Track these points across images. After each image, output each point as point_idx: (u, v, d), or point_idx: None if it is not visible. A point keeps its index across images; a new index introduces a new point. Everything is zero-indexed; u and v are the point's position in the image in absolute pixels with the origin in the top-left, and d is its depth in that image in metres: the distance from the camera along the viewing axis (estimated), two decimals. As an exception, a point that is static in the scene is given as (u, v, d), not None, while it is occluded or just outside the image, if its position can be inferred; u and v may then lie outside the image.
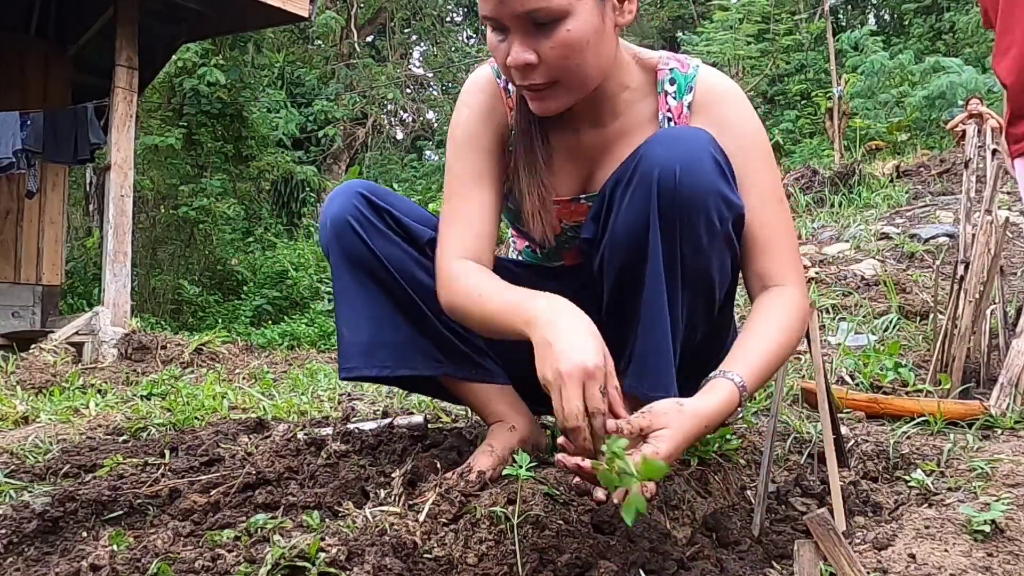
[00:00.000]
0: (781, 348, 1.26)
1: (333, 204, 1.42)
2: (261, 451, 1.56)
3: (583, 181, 1.43)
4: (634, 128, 1.39)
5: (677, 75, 1.38)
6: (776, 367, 1.26)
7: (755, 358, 1.22)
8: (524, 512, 1.21)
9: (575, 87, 1.28)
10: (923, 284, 3.69)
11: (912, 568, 1.17)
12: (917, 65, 13.17)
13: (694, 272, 1.28)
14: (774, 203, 1.34)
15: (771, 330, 1.26)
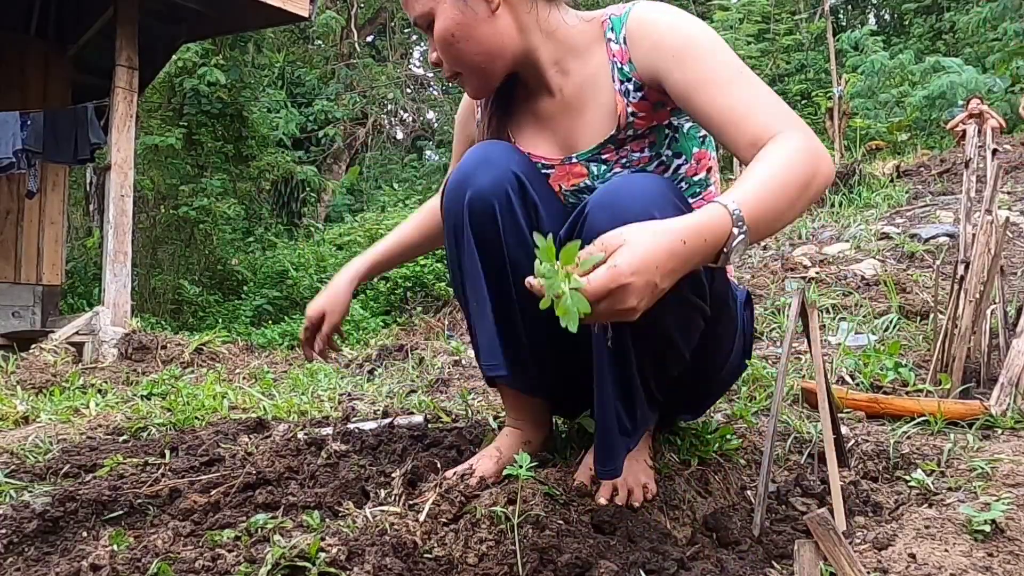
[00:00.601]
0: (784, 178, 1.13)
1: (479, 174, 1.37)
2: (261, 451, 1.56)
3: (564, 142, 1.46)
4: (587, 83, 1.41)
5: (614, 20, 1.40)
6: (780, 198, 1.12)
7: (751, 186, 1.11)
8: (524, 512, 1.21)
9: (475, 72, 1.40)
10: (923, 284, 3.69)
11: (912, 568, 1.17)
12: (917, 65, 13.16)
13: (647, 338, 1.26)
14: (734, 80, 1.28)
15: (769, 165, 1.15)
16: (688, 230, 1.04)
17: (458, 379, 2.91)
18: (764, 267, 4.55)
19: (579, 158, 1.43)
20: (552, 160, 1.46)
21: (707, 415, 1.94)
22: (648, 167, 1.40)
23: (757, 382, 2.32)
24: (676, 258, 1.02)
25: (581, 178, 1.44)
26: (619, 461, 1.33)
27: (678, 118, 1.40)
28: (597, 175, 1.43)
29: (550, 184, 1.46)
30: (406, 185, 15.41)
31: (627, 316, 1.01)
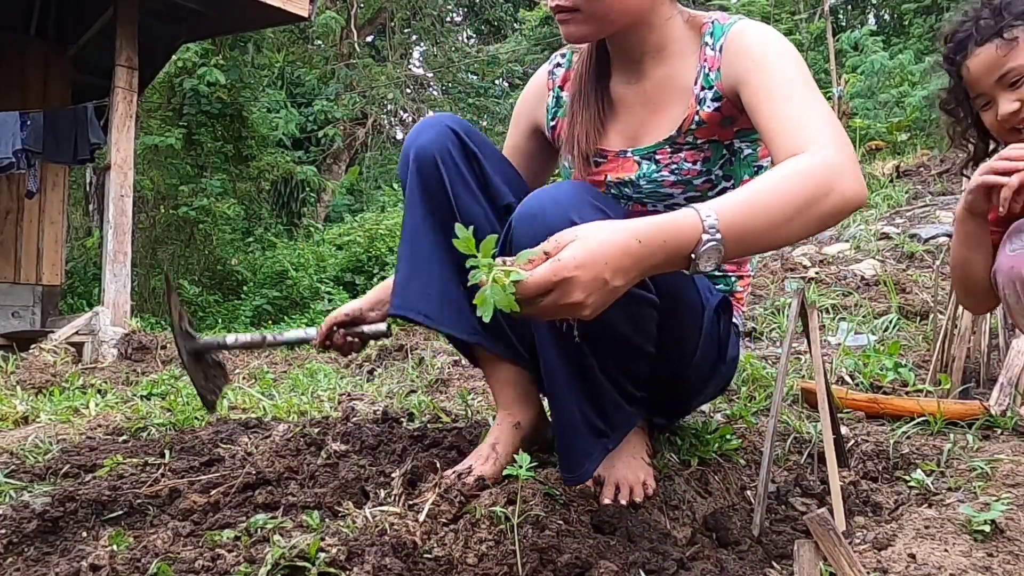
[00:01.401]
0: (780, 192, 1.10)
1: (422, 135, 1.41)
2: (261, 451, 1.56)
3: (631, 133, 1.47)
4: (672, 83, 1.42)
5: (716, 27, 1.41)
6: (770, 211, 1.08)
7: (738, 195, 1.09)
8: (524, 512, 1.21)
9: (595, 19, 1.35)
10: (923, 284, 3.69)
11: (912, 568, 1.17)
12: (917, 65, 13.15)
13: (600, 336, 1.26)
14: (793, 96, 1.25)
15: (768, 178, 1.12)
16: (646, 230, 1.02)
17: (458, 379, 2.91)
18: (764, 267, 4.55)
19: (634, 153, 1.45)
20: (609, 151, 1.47)
21: (707, 415, 1.94)
22: (695, 180, 1.42)
23: (757, 382, 2.32)
24: (630, 256, 1.00)
25: (631, 172, 1.46)
26: (589, 464, 1.32)
27: (741, 141, 1.42)
28: (645, 173, 1.44)
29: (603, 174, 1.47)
30: (406, 185, 15.37)
31: (577, 312, 0.99)
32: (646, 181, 1.44)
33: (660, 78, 1.44)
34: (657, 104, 1.44)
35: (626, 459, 1.43)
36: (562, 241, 0.99)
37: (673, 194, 1.44)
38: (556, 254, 0.98)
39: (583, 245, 0.98)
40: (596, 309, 1.00)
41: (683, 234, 1.03)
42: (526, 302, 0.96)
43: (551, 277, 0.96)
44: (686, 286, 1.36)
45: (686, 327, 1.39)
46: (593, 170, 1.48)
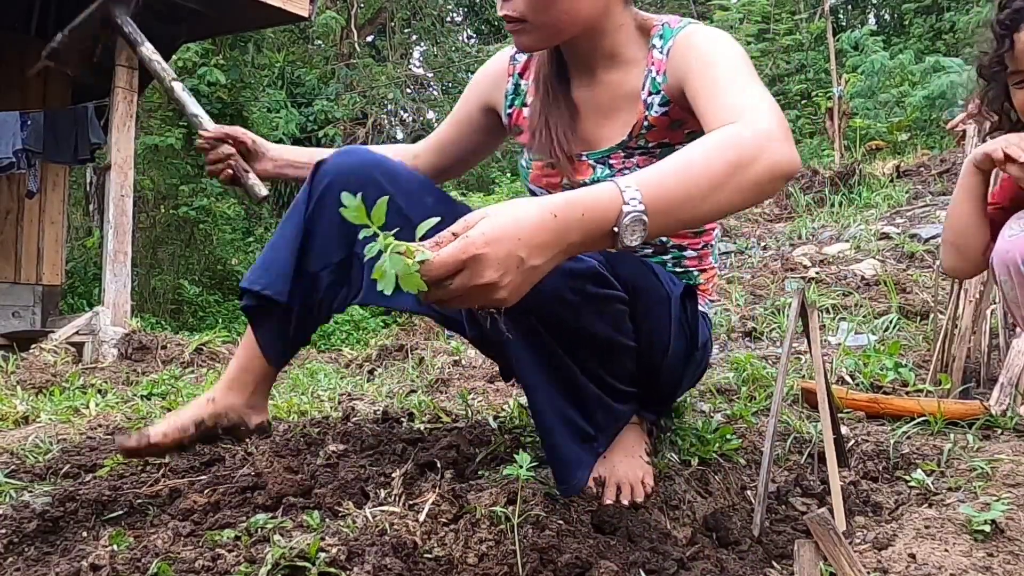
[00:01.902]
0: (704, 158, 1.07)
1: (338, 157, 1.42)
2: (261, 451, 1.56)
3: (586, 138, 1.47)
4: (623, 88, 1.43)
5: (666, 30, 1.41)
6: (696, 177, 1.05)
7: (659, 166, 1.06)
8: (524, 512, 1.21)
9: (543, 29, 1.35)
10: (923, 284, 3.69)
11: (912, 568, 1.17)
12: (917, 65, 13.15)
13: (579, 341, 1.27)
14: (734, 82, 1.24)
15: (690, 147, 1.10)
16: (561, 204, 0.98)
17: (458, 379, 2.91)
18: (764, 267, 4.55)
19: (589, 156, 1.46)
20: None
21: (707, 415, 1.94)
22: None
23: (757, 382, 2.32)
24: (546, 231, 0.95)
25: (584, 175, 1.46)
26: (581, 472, 1.32)
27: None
28: (599, 177, 1.44)
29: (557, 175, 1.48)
30: (406, 185, 15.38)
31: (493, 295, 0.94)
32: None
33: (612, 83, 1.44)
34: (609, 109, 1.45)
35: (625, 458, 1.43)
36: (471, 221, 0.95)
37: None
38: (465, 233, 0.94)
39: (493, 221, 0.94)
40: (514, 291, 0.95)
41: (602, 206, 0.99)
42: (435, 284, 0.92)
43: (459, 255, 0.91)
44: (647, 278, 1.36)
45: (655, 318, 1.37)
46: (552, 172, 1.49)
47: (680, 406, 1.90)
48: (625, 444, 1.46)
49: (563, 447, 1.29)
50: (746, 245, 5.58)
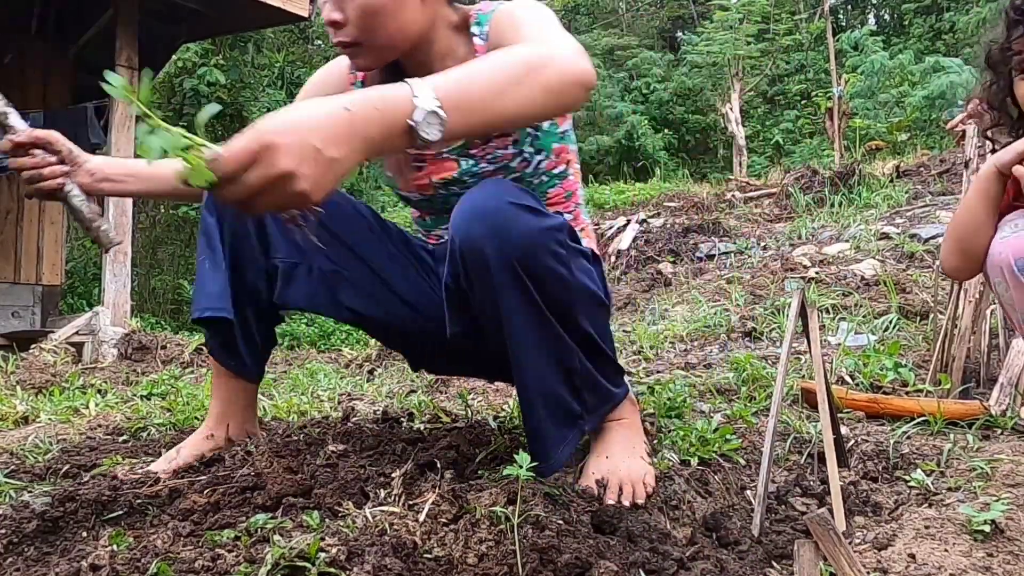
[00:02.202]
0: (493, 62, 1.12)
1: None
2: (261, 451, 1.56)
3: None
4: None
5: (480, 16, 1.45)
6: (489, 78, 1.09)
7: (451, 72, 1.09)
8: (524, 512, 1.21)
9: (377, 49, 1.39)
10: (923, 284, 3.69)
11: (912, 568, 1.17)
12: (917, 65, 13.16)
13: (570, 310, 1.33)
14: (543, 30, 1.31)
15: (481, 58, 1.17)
16: (354, 99, 0.99)
17: (458, 379, 2.91)
18: (764, 267, 4.55)
19: (449, 152, 1.50)
20: (425, 154, 1.51)
21: (707, 415, 1.94)
22: (512, 163, 1.48)
23: (757, 382, 2.32)
24: (340, 123, 0.95)
25: (450, 171, 1.51)
26: (561, 452, 1.35)
27: None
28: (466, 170, 1.50)
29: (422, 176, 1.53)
30: (406, 185, 15.39)
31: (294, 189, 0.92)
32: (469, 176, 1.50)
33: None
34: None
35: (627, 458, 1.43)
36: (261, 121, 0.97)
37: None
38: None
39: (282, 115, 0.95)
40: (317, 185, 0.94)
41: (395, 100, 1.00)
42: (229, 180, 0.91)
43: (249, 145, 0.91)
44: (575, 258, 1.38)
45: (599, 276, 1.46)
46: (417, 174, 1.53)
47: (680, 406, 1.90)
48: (626, 444, 1.46)
49: (544, 425, 1.33)
50: (746, 245, 5.58)
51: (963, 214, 1.48)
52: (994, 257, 1.37)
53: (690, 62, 17.15)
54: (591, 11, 20.87)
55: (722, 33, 14.34)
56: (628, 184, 12.25)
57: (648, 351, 2.96)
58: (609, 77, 18.14)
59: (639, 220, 6.73)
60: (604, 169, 15.81)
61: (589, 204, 10.92)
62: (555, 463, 1.35)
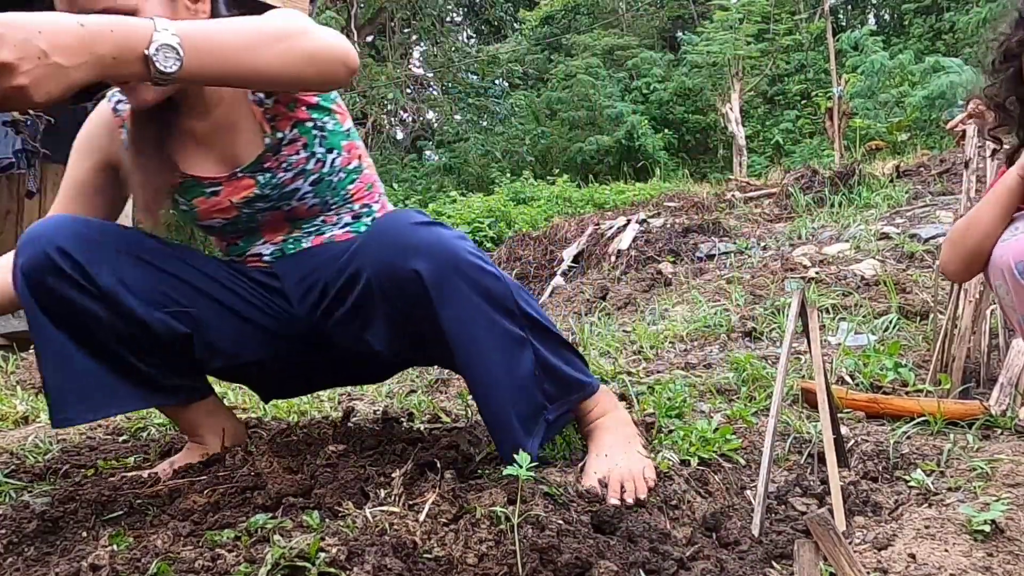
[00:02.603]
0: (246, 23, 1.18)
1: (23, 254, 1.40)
2: (261, 451, 1.56)
3: (226, 159, 1.51)
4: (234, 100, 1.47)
5: None
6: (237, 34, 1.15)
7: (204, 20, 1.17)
8: (524, 512, 1.21)
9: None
10: (923, 284, 3.69)
11: (912, 568, 1.17)
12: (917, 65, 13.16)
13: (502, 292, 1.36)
14: None
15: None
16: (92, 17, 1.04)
17: (458, 379, 2.91)
18: (764, 267, 4.55)
19: (243, 171, 1.50)
20: (219, 177, 1.52)
21: (707, 415, 1.94)
22: (307, 166, 1.50)
23: (757, 382, 2.32)
24: (70, 34, 1.00)
25: (250, 189, 1.51)
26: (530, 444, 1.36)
27: (314, 114, 1.49)
28: (264, 183, 1.51)
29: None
30: (406, 185, 15.41)
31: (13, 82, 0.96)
32: (270, 188, 1.51)
33: (225, 103, 1.48)
34: (233, 124, 1.49)
35: (624, 454, 1.44)
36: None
37: (299, 187, 1.52)
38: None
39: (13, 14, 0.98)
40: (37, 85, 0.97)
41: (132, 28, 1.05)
42: None
43: None
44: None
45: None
46: (216, 200, 1.54)
47: (680, 406, 1.90)
48: (620, 439, 1.47)
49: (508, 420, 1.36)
50: (746, 245, 5.58)
51: (975, 220, 1.46)
52: (996, 260, 1.37)
53: (690, 62, 17.15)
54: (591, 11, 20.88)
55: (722, 33, 14.35)
56: (628, 184, 12.25)
57: (648, 351, 2.96)
58: (609, 77, 18.15)
59: (639, 220, 6.72)
60: (604, 169, 15.82)
61: (589, 204, 10.93)
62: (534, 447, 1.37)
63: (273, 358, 1.61)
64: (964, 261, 1.49)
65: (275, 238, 1.60)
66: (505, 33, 21.13)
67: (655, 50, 19.41)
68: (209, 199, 1.55)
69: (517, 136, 17.68)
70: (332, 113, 1.53)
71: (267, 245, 1.61)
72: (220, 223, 1.58)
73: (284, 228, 1.59)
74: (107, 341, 1.43)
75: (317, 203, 1.55)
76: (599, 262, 6.30)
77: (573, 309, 4.88)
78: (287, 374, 1.69)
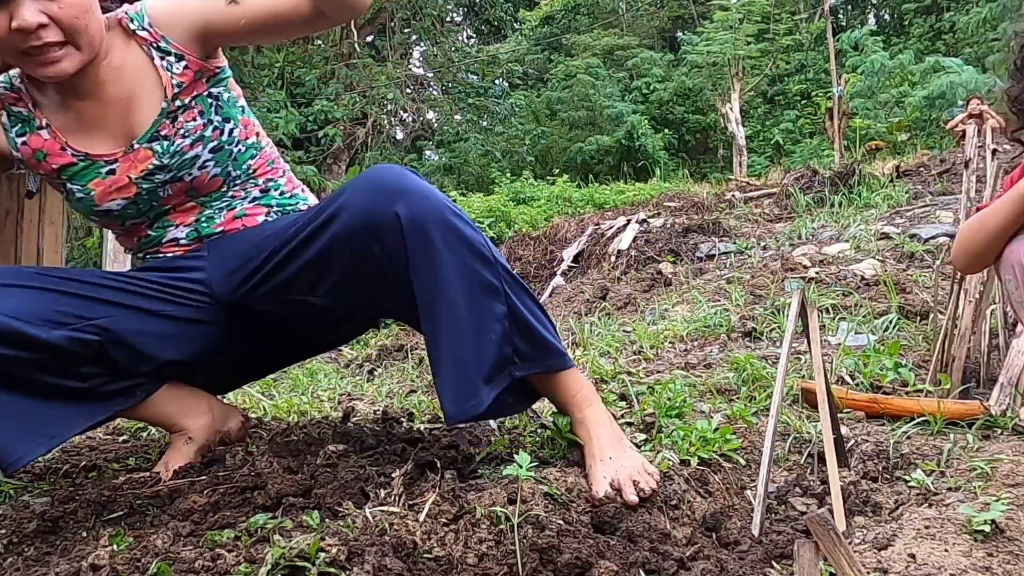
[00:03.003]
0: None
1: None
2: (261, 451, 1.56)
3: (121, 134, 1.51)
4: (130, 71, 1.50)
5: (132, 15, 1.51)
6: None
7: None
8: (524, 512, 1.21)
9: (84, 47, 1.41)
10: (923, 284, 3.69)
11: (912, 568, 1.17)
12: (917, 65, 13.17)
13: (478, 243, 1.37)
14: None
15: None
16: None
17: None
18: (764, 267, 4.55)
19: (140, 143, 1.50)
20: (114, 154, 1.51)
21: (707, 415, 1.94)
22: (206, 133, 1.52)
23: (757, 382, 2.32)
24: None
25: (148, 161, 1.51)
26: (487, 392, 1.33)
27: (214, 87, 1.53)
28: (163, 152, 1.51)
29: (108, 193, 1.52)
30: (406, 185, 15.38)
31: None
32: (168, 157, 1.51)
33: (118, 74, 1.49)
34: (129, 96, 1.50)
35: (622, 452, 1.42)
36: None
37: (199, 154, 1.52)
38: None
39: None
40: None
41: None
42: None
43: None
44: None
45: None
46: (114, 179, 1.51)
47: (680, 406, 1.90)
48: (614, 438, 1.44)
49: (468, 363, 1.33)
50: (746, 245, 5.58)
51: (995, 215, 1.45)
52: (1007, 255, 1.38)
53: (690, 62, 17.16)
54: (591, 11, 20.88)
55: (722, 33, 14.35)
56: (628, 184, 12.26)
57: (648, 351, 2.96)
58: (609, 77, 18.14)
59: (639, 220, 6.73)
60: (604, 169, 15.82)
61: (589, 204, 10.93)
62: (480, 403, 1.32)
63: (206, 350, 1.57)
64: (972, 257, 1.51)
65: (187, 219, 1.59)
66: (505, 33, 21.13)
67: (655, 50, 19.41)
68: (105, 179, 1.52)
69: (517, 136, 17.69)
70: (227, 87, 1.56)
71: (180, 228, 1.59)
72: (120, 205, 1.53)
73: (194, 209, 1.58)
74: (26, 374, 1.37)
75: (219, 173, 1.55)
76: (599, 262, 6.30)
77: (573, 309, 4.88)
78: (229, 364, 1.67)
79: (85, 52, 1.41)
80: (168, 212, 1.58)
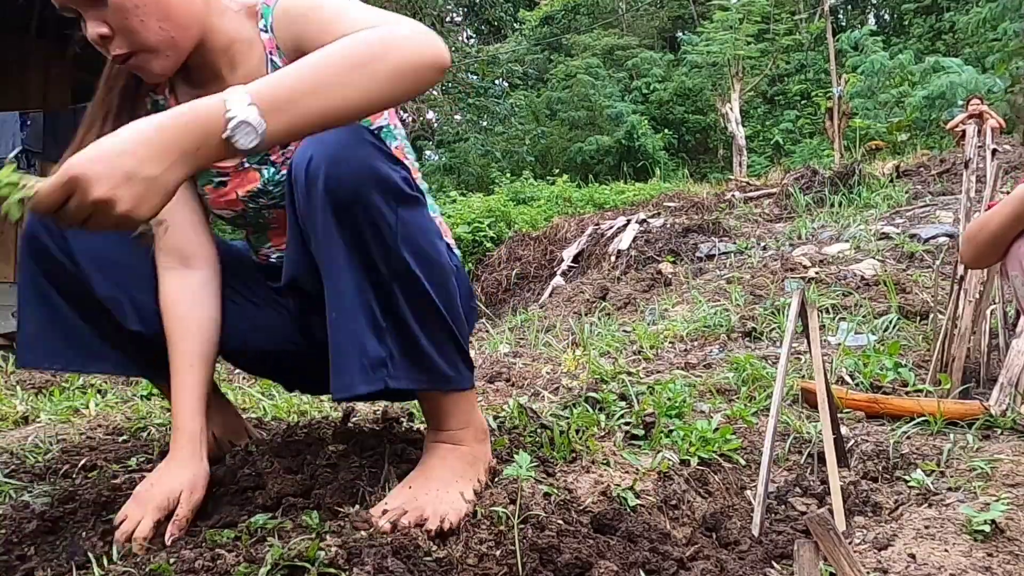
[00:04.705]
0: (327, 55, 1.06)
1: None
2: (261, 451, 1.56)
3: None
4: (250, 71, 1.35)
5: (265, 9, 1.36)
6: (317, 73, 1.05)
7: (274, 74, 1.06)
8: (524, 512, 1.21)
9: (158, 48, 1.28)
10: (923, 284, 3.69)
11: (912, 568, 1.17)
12: (917, 65, 13.17)
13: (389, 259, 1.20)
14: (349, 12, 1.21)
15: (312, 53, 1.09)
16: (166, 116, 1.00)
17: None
18: (764, 267, 4.55)
19: (250, 163, 1.42)
20: (227, 168, 1.44)
21: (707, 415, 1.94)
22: None
23: (757, 382, 2.32)
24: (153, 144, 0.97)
25: (255, 182, 1.44)
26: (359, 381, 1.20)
27: None
28: (268, 179, 1.43)
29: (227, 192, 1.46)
30: (406, 185, 15.39)
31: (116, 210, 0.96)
32: (272, 185, 1.43)
33: (243, 76, 1.34)
34: None
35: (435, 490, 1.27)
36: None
37: None
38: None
39: (96, 145, 0.98)
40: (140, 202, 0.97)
41: (205, 114, 1.00)
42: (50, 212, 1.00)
43: (58, 180, 0.96)
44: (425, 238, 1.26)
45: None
46: (224, 191, 1.46)
47: (680, 406, 1.90)
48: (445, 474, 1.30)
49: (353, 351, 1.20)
50: (746, 245, 5.58)
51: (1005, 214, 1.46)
52: (1014, 251, 1.39)
53: (690, 62, 17.16)
54: (591, 11, 20.88)
55: (722, 33, 14.36)
56: (628, 184, 12.26)
57: (648, 351, 2.96)
58: (609, 77, 18.15)
59: (639, 220, 6.73)
60: (604, 169, 15.82)
61: (589, 204, 10.93)
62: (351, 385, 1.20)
63: (284, 352, 1.57)
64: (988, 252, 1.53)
65: (280, 243, 1.51)
66: (505, 33, 21.14)
67: (655, 50, 19.42)
68: (216, 188, 1.48)
69: (517, 136, 17.69)
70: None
71: (272, 249, 1.56)
72: (229, 214, 1.52)
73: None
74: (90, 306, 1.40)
75: None
76: (599, 262, 6.30)
77: (573, 309, 4.88)
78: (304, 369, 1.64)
79: (164, 52, 1.29)
80: (269, 229, 1.54)
